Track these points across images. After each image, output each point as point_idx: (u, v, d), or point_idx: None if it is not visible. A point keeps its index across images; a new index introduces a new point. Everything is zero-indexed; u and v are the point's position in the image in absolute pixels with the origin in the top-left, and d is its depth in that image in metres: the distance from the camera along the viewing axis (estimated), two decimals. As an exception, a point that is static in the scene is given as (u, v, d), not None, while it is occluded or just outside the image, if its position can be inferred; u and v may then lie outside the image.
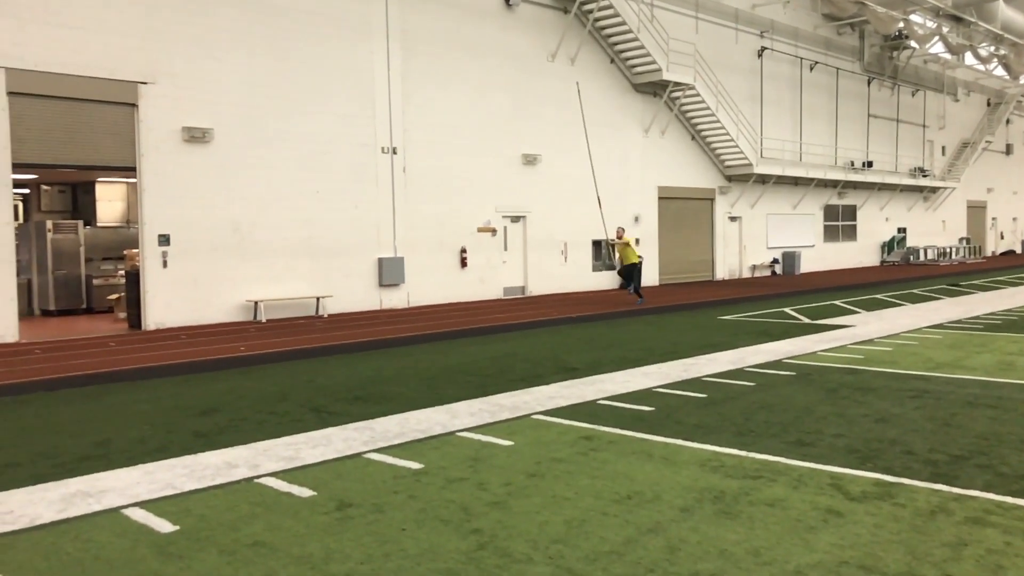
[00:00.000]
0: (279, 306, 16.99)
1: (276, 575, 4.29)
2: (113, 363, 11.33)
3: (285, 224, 17.17)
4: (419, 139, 19.48)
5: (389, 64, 18.85)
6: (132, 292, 15.75)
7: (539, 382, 9.83)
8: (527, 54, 21.94)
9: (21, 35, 13.82)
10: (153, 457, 6.68)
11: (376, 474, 6.12)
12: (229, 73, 16.30)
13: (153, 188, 15.44)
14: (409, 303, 19.34)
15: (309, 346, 12.88)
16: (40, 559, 4.55)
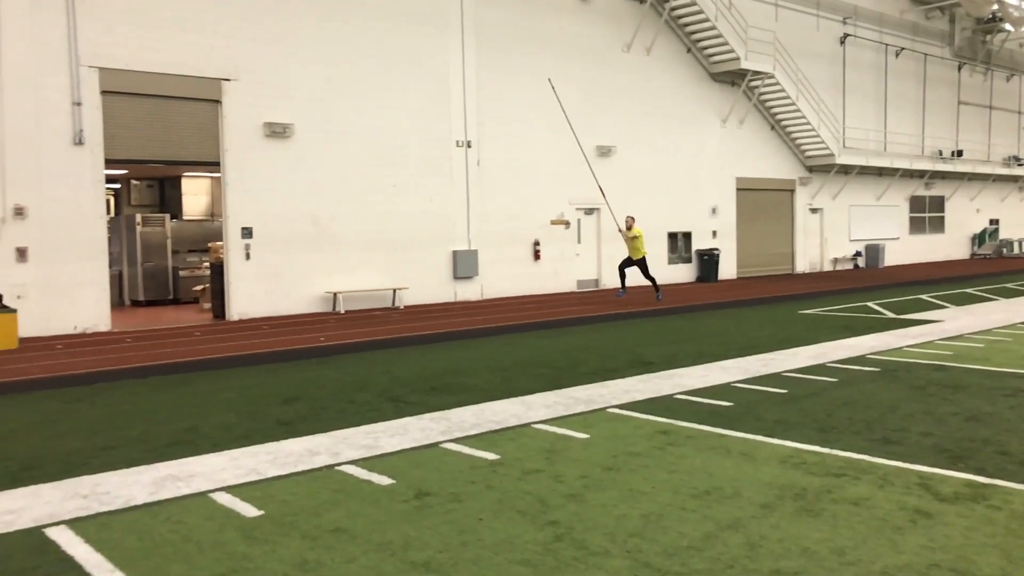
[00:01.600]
0: (357, 298, 17.29)
1: (357, 561, 4.37)
2: (199, 352, 11.71)
3: (362, 217, 17.45)
4: (493, 132, 19.54)
5: (463, 57, 18.96)
6: (216, 283, 16.25)
7: (614, 376, 9.77)
8: (601, 45, 21.77)
9: (112, 36, 14.36)
10: (238, 443, 6.89)
11: (453, 464, 6.17)
12: (307, 69, 16.63)
13: (236, 182, 15.87)
14: (483, 295, 19.45)
15: (386, 337, 13.08)
16: (134, 538, 4.73)
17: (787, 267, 27.93)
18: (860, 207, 30.26)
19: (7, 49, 13.34)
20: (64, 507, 5.30)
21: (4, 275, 13.26)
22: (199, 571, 4.26)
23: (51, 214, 13.73)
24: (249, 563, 4.36)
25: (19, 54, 13.46)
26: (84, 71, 14.09)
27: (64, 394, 9.35)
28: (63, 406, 8.67)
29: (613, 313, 16.20)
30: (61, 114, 13.90)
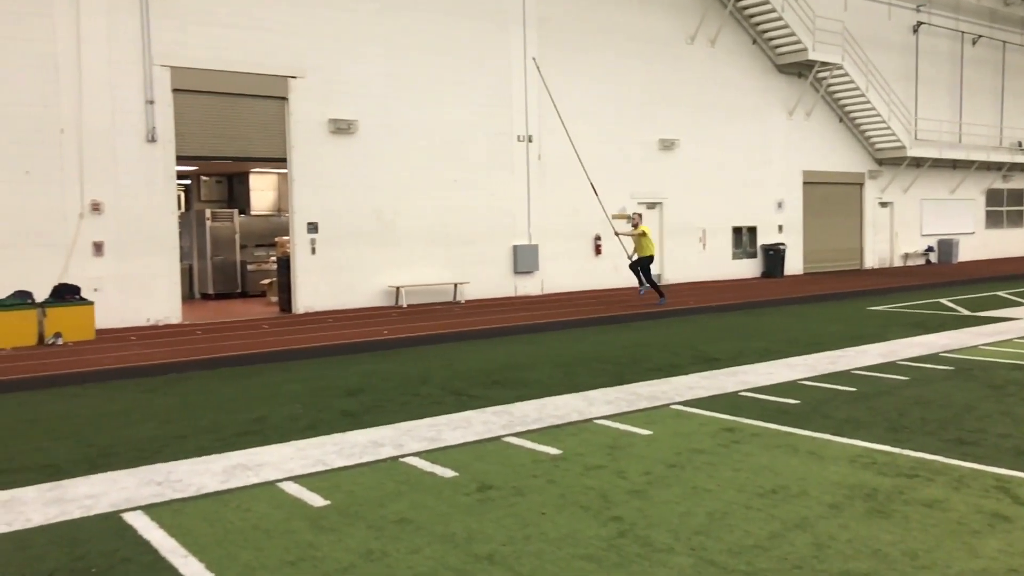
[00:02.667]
0: (419, 292, 17.45)
1: (421, 552, 4.41)
2: (266, 344, 11.97)
3: (424, 212, 17.59)
4: (554, 127, 19.48)
5: (525, 51, 18.94)
6: (283, 277, 16.58)
7: (677, 372, 9.66)
8: (665, 37, 21.53)
9: (183, 35, 14.73)
10: (304, 434, 7.01)
11: (515, 458, 6.19)
12: (371, 66, 16.82)
13: (302, 178, 16.16)
14: (543, 290, 19.44)
15: (448, 331, 13.17)
16: (206, 525, 4.86)
17: (855, 263, 27.25)
18: (932, 201, 29.35)
19: (86, 50, 13.80)
20: (140, 493, 5.47)
21: (81, 268, 13.73)
22: (268, 558, 4.36)
23: (125, 209, 14.17)
24: (316, 552, 4.44)
25: (97, 55, 13.91)
26: (157, 70, 14.50)
27: (138, 384, 9.66)
28: (138, 395, 8.96)
29: (676, 309, 16.03)
30: (135, 112, 14.33)
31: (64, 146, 13.67)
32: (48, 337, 12.34)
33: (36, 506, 5.25)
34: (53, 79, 13.55)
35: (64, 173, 13.68)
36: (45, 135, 13.48)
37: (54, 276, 13.38)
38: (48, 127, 13.52)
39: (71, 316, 12.63)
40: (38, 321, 12.43)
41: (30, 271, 13.17)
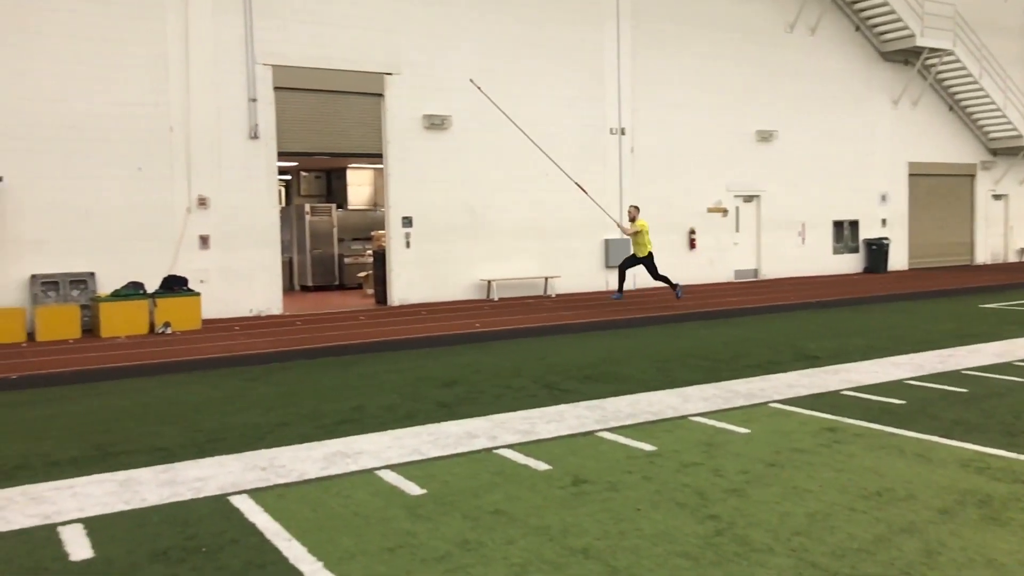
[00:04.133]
0: (510, 285, 17.53)
1: (516, 543, 4.43)
2: (363, 335, 12.24)
3: (515, 206, 17.65)
4: (648, 118, 19.27)
5: (619, 43, 18.77)
6: (379, 270, 16.93)
7: (776, 369, 9.42)
8: (763, 26, 20.98)
9: (284, 34, 15.18)
10: (401, 424, 7.14)
11: (609, 453, 6.15)
12: (464, 60, 16.96)
13: (397, 173, 16.44)
14: (635, 284, 19.24)
15: (539, 324, 13.20)
16: (308, 510, 5.01)
17: (965, 258, 26.00)
18: (1051, 193, 27.72)
19: (194, 51, 14.37)
20: (245, 477, 5.67)
21: (189, 260, 14.33)
22: (367, 544, 4.45)
23: (230, 204, 14.70)
24: (413, 539, 4.51)
25: (203, 55, 14.47)
26: (259, 69, 14.97)
27: (242, 372, 10.02)
28: (242, 383, 9.29)
29: (774, 305, 15.64)
30: (238, 110, 14.84)
31: (173, 143, 14.28)
32: (158, 326, 12.93)
33: (151, 487, 5.51)
34: (163, 79, 14.16)
35: (173, 169, 14.28)
36: (156, 133, 14.11)
37: (164, 268, 14.00)
38: (158, 125, 14.14)
39: (179, 306, 13.20)
40: (149, 311, 13.05)
41: (142, 263, 13.81)
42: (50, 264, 13.20)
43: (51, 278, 13.09)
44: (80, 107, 13.46)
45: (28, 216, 13.08)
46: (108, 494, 5.36)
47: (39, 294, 12.98)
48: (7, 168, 12.88)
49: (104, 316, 12.59)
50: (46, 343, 12.01)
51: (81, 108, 13.47)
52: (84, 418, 7.65)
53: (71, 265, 13.35)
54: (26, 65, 13.09)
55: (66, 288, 13.18)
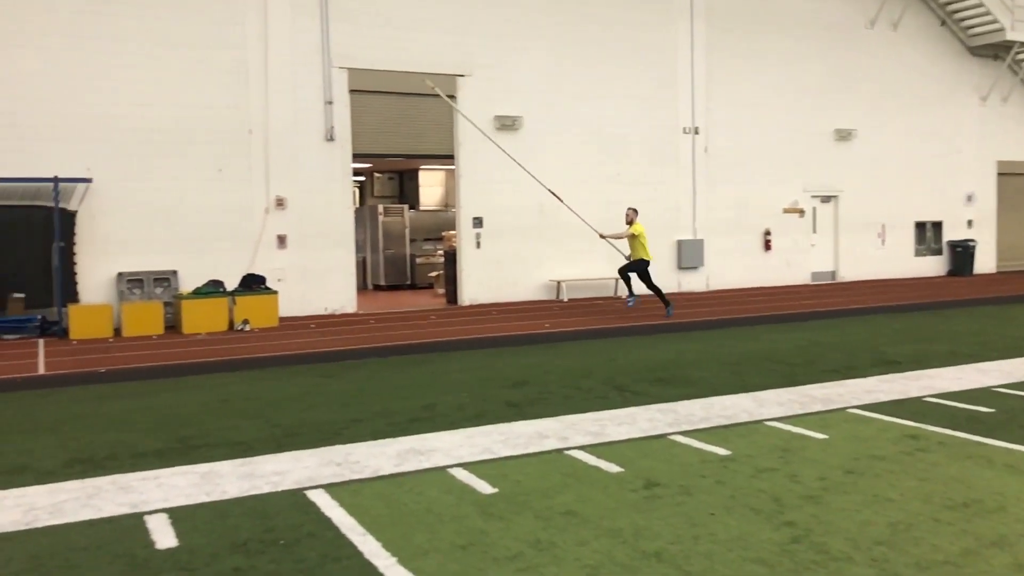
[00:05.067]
0: (579, 286, 17.46)
1: (588, 545, 4.41)
2: (435, 335, 12.36)
3: (586, 206, 17.51)
4: (722, 118, 18.97)
5: (692, 42, 18.53)
6: (449, 270, 17.07)
7: (854, 374, 9.17)
8: (841, 22, 20.44)
9: (358, 38, 15.43)
10: (472, 423, 7.19)
11: (682, 456, 6.08)
12: (535, 61, 16.98)
13: (468, 174, 16.55)
14: (708, 286, 18.98)
15: (609, 326, 13.13)
16: (382, 506, 5.08)
17: (1057, 261, 24.86)
18: None
19: (272, 54, 14.72)
20: (321, 472, 5.79)
21: (267, 260, 14.68)
22: (440, 541, 4.49)
23: (306, 205, 15.01)
24: (486, 538, 4.53)
25: (281, 58, 14.82)
26: (335, 72, 15.26)
27: (317, 369, 10.22)
28: (317, 380, 9.48)
29: (852, 308, 15.23)
30: (315, 112, 15.15)
31: (252, 145, 14.65)
32: (237, 323, 13.30)
33: (231, 479, 5.67)
34: (243, 83, 14.55)
35: (252, 171, 14.66)
36: (235, 135, 14.50)
37: (243, 266, 14.38)
38: (238, 128, 14.53)
39: (257, 304, 13.55)
40: (229, 308, 13.42)
41: (222, 262, 14.21)
42: (135, 262, 13.69)
43: (136, 276, 13.58)
44: (165, 111, 13.93)
45: (116, 216, 13.59)
46: (191, 485, 5.54)
47: (125, 291, 13.47)
48: (97, 170, 13.41)
49: (186, 313, 13.00)
50: (131, 339, 12.46)
51: (166, 112, 13.94)
52: (168, 411, 7.92)
53: (155, 263, 13.82)
54: (116, 71, 13.60)
55: (150, 286, 13.66)
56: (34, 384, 9.35)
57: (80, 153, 13.32)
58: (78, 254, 13.36)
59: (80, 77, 13.39)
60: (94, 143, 13.45)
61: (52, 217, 12.79)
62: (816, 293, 17.95)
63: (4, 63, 12.92)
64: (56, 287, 12.86)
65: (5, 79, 12.93)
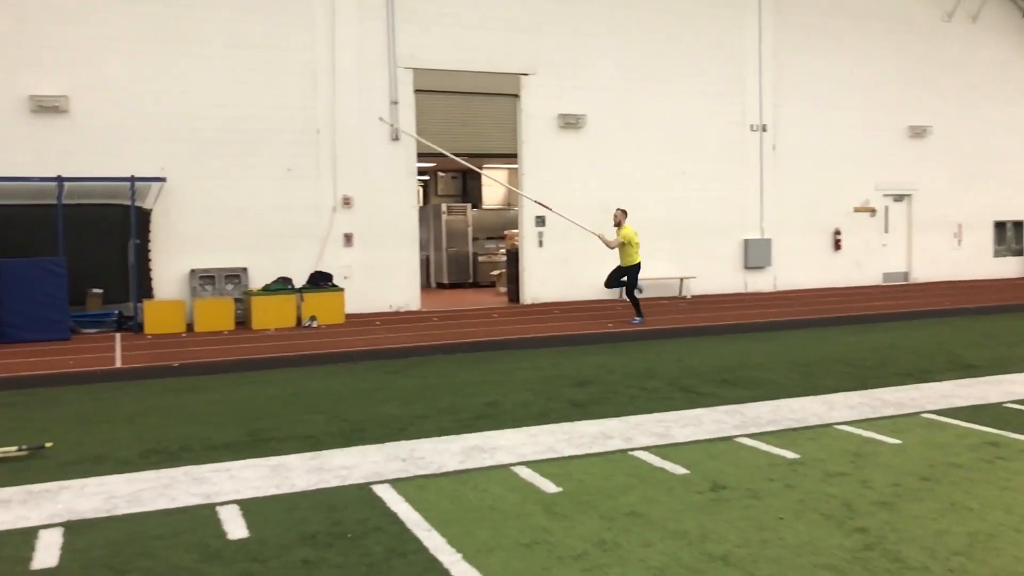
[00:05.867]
0: (643, 286, 17.27)
1: (653, 546, 4.37)
2: (497, 333, 12.40)
3: (651, 205, 17.42)
4: (791, 114, 18.59)
5: (760, 38, 18.20)
6: (511, 269, 17.11)
7: (928, 378, 8.90)
8: (917, 15, 19.85)
9: (425, 38, 15.57)
10: (536, 421, 7.19)
11: (749, 459, 5.98)
12: (601, 59, 16.90)
13: (532, 173, 16.55)
14: (775, 286, 18.63)
15: (673, 326, 12.99)
16: (447, 502, 5.11)
17: None
18: None
19: (340, 56, 14.96)
20: (387, 467, 5.86)
21: (334, 257, 14.92)
22: (504, 538, 4.50)
23: (372, 203, 15.20)
24: (550, 536, 4.53)
25: (349, 59, 15.04)
26: (400, 72, 15.43)
27: (383, 365, 10.35)
28: (383, 376, 9.60)
29: (927, 310, 14.79)
30: (381, 112, 15.33)
31: (320, 145, 14.91)
32: (305, 320, 13.55)
33: (300, 472, 5.78)
34: (312, 84, 14.81)
35: (319, 170, 14.92)
36: (305, 135, 14.78)
37: (310, 264, 14.65)
38: (307, 128, 14.80)
39: (324, 301, 13.78)
40: (297, 305, 13.69)
41: (290, 259, 14.50)
42: (207, 259, 14.06)
43: (208, 272, 13.95)
44: (237, 111, 14.27)
45: (189, 214, 13.98)
46: (261, 478, 5.66)
47: (197, 287, 13.85)
48: (171, 169, 13.81)
49: (256, 309, 13.30)
50: (203, 333, 12.80)
51: (238, 112, 14.27)
52: (238, 405, 8.11)
53: (226, 260, 14.18)
54: (192, 72, 13.99)
55: (221, 282, 14.01)
56: (112, 377, 9.68)
57: (155, 153, 13.74)
58: (153, 251, 13.79)
59: (157, 79, 13.81)
60: (169, 143, 13.85)
61: (129, 215, 13.22)
62: (888, 294, 17.47)
63: (87, 66, 13.40)
64: (132, 283, 13.29)
65: (88, 82, 13.41)
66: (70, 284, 12.34)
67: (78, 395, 8.79)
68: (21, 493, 5.38)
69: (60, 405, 8.31)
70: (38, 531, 4.71)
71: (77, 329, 12.78)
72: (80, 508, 5.08)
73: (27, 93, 13.08)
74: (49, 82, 13.22)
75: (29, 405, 8.33)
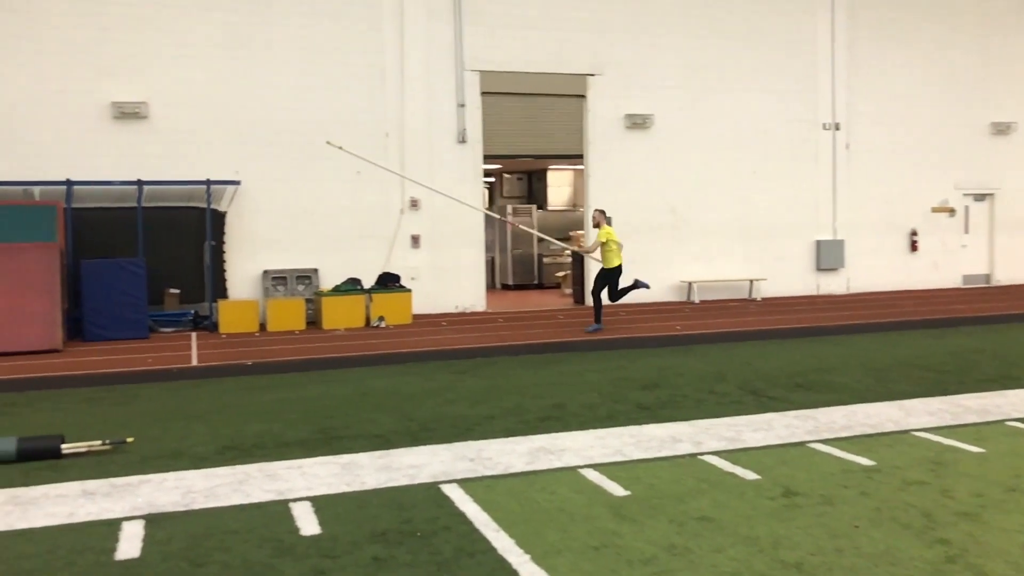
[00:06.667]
0: (712, 287, 17.07)
1: (724, 552, 4.30)
2: (563, 335, 12.37)
3: (719, 205, 17.18)
4: (865, 112, 18.11)
5: (833, 34, 17.78)
6: (577, 270, 17.05)
7: (1014, 384, 8.56)
8: (999, 6, 19.12)
9: (491, 40, 15.63)
10: (602, 424, 7.15)
11: (823, 465, 5.84)
12: (668, 58, 16.72)
13: (598, 174, 16.48)
14: (848, 289, 18.16)
15: (743, 329, 12.77)
16: (514, 503, 5.12)
17: None
18: None
19: (408, 59, 15.13)
20: (455, 467, 5.89)
21: (401, 259, 15.10)
22: (573, 541, 4.49)
23: (438, 205, 15.30)
24: (619, 539, 4.49)
25: (416, 63, 15.21)
26: (467, 75, 15.52)
27: (450, 366, 10.43)
28: (450, 376, 9.67)
29: (1010, 313, 14.23)
30: (447, 115, 15.46)
31: (388, 148, 15.11)
32: (373, 320, 13.74)
33: (370, 471, 5.85)
34: (380, 87, 15.01)
35: (388, 173, 15.10)
36: (373, 138, 14.98)
37: (378, 265, 14.84)
38: (375, 131, 15.01)
39: (392, 302, 13.95)
40: (365, 305, 13.89)
41: (359, 260, 14.72)
42: (279, 260, 14.37)
43: (280, 273, 14.26)
44: (307, 115, 14.55)
45: (262, 216, 14.30)
46: (332, 475, 5.76)
47: (270, 288, 14.17)
48: (245, 172, 14.16)
49: (326, 309, 13.55)
50: (275, 333, 13.09)
51: (308, 116, 14.56)
52: (309, 403, 8.26)
53: (297, 261, 14.47)
54: (264, 77, 14.33)
55: (293, 283, 14.31)
56: (188, 375, 9.97)
57: (230, 156, 14.11)
58: (227, 252, 14.15)
59: (231, 84, 14.18)
60: (243, 146, 14.21)
61: (204, 217, 13.60)
62: (968, 297, 16.87)
63: (165, 73, 13.84)
64: (207, 283, 13.67)
65: (166, 88, 13.85)
66: (149, 284, 12.76)
67: (157, 392, 9.08)
68: (105, 486, 5.58)
69: (140, 401, 8.59)
70: (121, 523, 4.88)
71: (155, 328, 13.20)
72: (160, 501, 5.25)
73: (110, 100, 13.57)
74: (130, 89, 13.70)
75: (111, 401, 8.63)
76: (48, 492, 5.47)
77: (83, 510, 5.11)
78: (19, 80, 13.25)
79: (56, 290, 11.62)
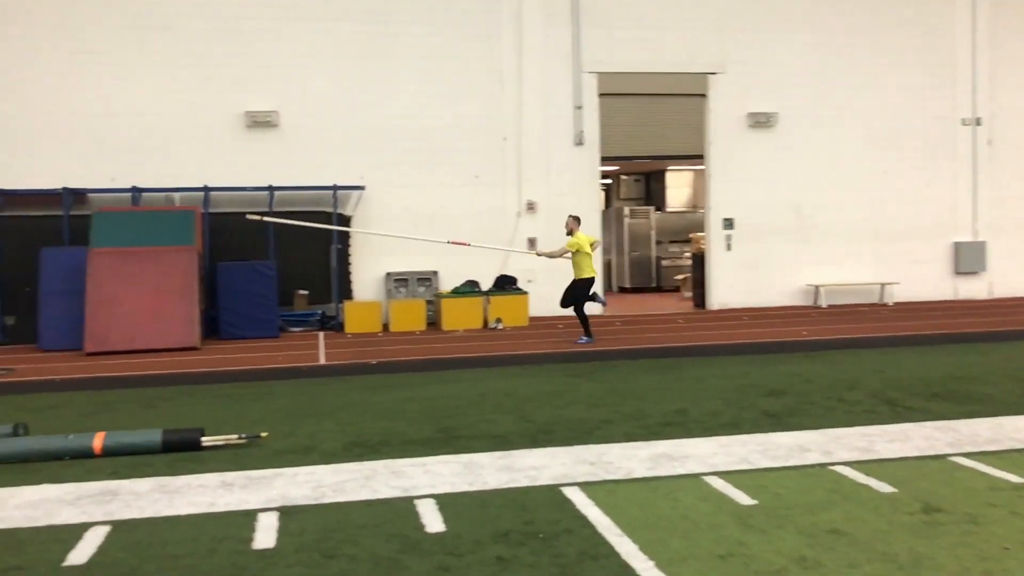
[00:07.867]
0: (840, 291, 16.41)
1: (860, 568, 4.11)
2: (683, 339, 12.16)
3: (848, 206, 16.50)
4: (1011, 106, 17.02)
5: (974, 24, 16.79)
6: (697, 273, 16.73)
7: None
8: None
9: (610, 41, 15.55)
10: (726, 431, 6.97)
11: (966, 481, 5.50)
12: (794, 55, 16.20)
13: (719, 174, 16.13)
14: (991, 293, 17.09)
15: (875, 335, 12.22)
16: (636, 508, 5.05)
17: None
18: None
19: (526, 63, 15.24)
20: (575, 470, 5.87)
21: (518, 261, 15.18)
22: (698, 549, 4.39)
23: (555, 208, 15.31)
24: (746, 549, 4.36)
25: (534, 66, 15.30)
26: (585, 77, 15.50)
27: (568, 368, 10.41)
28: (568, 379, 9.66)
29: None
30: (564, 118, 15.47)
31: (505, 152, 15.25)
32: (491, 321, 13.89)
33: (491, 471, 5.91)
34: (499, 92, 15.18)
35: (505, 176, 15.26)
36: (491, 142, 15.17)
37: (496, 268, 15.01)
38: (493, 135, 15.19)
39: (509, 304, 14.08)
40: (483, 307, 14.06)
41: (477, 263, 14.88)
42: (401, 263, 14.73)
43: (402, 275, 14.62)
44: (428, 121, 14.87)
45: (385, 220, 14.69)
46: (455, 474, 5.84)
47: (392, 289, 14.55)
48: (370, 178, 14.60)
49: (446, 311, 13.80)
50: (397, 333, 13.42)
51: (429, 123, 14.87)
52: (431, 403, 8.42)
53: (418, 264, 14.79)
54: (387, 85, 14.75)
55: (413, 285, 14.64)
56: (316, 373, 10.34)
57: (355, 163, 14.58)
58: (352, 255, 14.63)
59: (356, 93, 14.66)
60: (367, 153, 14.66)
61: (331, 221, 14.08)
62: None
63: (294, 83, 14.44)
64: (334, 285, 14.16)
65: (295, 97, 14.44)
66: (279, 286, 13.33)
67: (288, 389, 9.46)
68: (242, 478, 5.85)
69: (272, 397, 8.97)
70: (257, 514, 5.10)
71: (285, 327, 13.77)
72: (292, 494, 5.45)
73: (243, 109, 14.26)
74: (262, 99, 14.35)
75: (246, 397, 9.04)
76: (191, 482, 5.77)
77: (222, 500, 5.37)
78: (162, 92, 14.10)
79: (194, 291, 12.29)
